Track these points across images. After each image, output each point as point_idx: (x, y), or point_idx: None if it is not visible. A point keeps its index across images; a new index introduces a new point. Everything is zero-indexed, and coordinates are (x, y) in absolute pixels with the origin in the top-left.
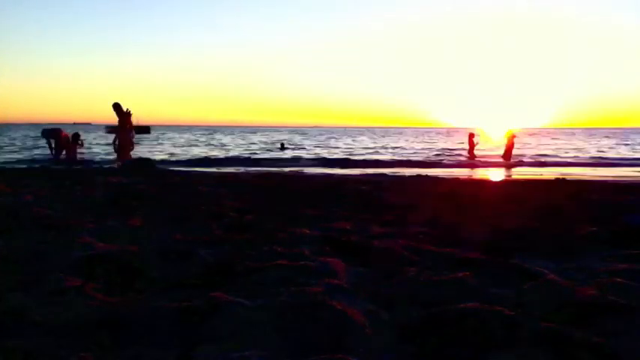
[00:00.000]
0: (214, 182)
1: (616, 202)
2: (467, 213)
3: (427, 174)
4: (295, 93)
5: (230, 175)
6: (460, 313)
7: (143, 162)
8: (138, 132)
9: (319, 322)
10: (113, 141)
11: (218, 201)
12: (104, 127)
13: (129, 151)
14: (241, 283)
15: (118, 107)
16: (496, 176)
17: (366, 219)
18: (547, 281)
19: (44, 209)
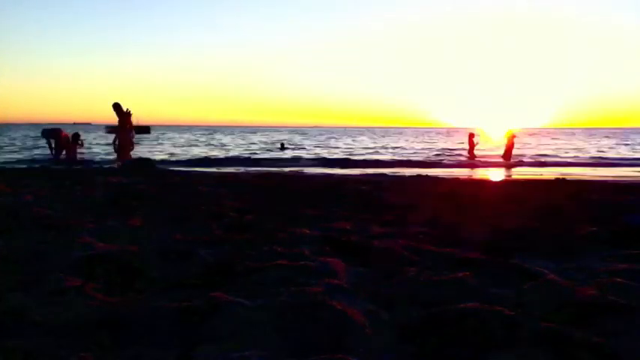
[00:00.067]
0: (214, 182)
1: (616, 202)
2: (467, 213)
3: (427, 174)
4: (295, 93)
5: (230, 175)
6: (460, 313)
7: (143, 162)
8: (138, 132)
9: (319, 322)
10: (113, 141)
11: (218, 201)
12: (104, 127)
13: (129, 151)
14: (241, 283)
15: (118, 107)
16: (496, 176)
17: (366, 219)
18: (547, 281)
19: (44, 209)
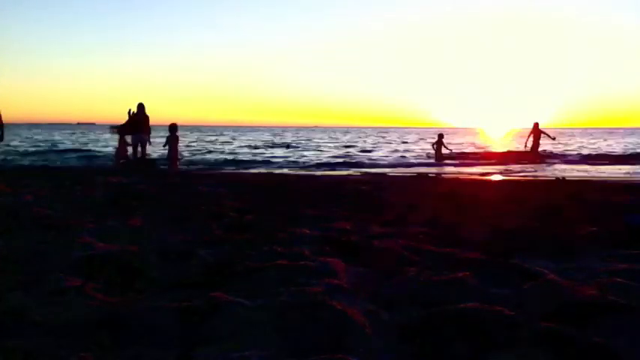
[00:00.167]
0: (214, 182)
1: (616, 202)
2: (467, 213)
3: (427, 174)
4: (295, 93)
5: (230, 175)
6: (460, 313)
7: (143, 162)
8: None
9: (319, 322)
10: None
11: (218, 201)
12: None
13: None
14: (241, 283)
15: (143, 108)
16: (496, 176)
17: (366, 219)
18: (547, 281)
19: (44, 209)
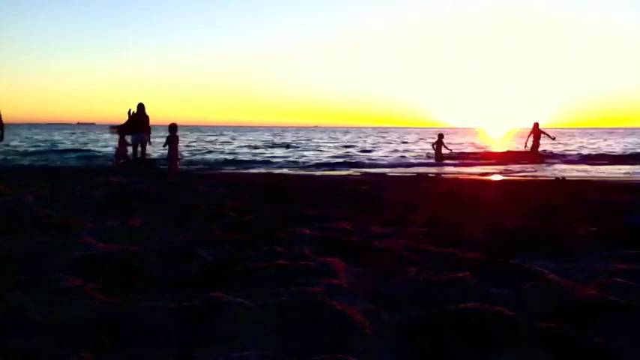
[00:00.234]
0: (214, 182)
1: (616, 202)
2: (467, 213)
3: (427, 174)
4: (295, 93)
5: (230, 175)
6: (460, 313)
7: (143, 162)
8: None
9: (319, 322)
10: (134, 142)
11: (218, 201)
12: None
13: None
14: (241, 283)
15: (143, 108)
16: (496, 176)
17: (366, 219)
18: (547, 281)
19: (44, 209)
